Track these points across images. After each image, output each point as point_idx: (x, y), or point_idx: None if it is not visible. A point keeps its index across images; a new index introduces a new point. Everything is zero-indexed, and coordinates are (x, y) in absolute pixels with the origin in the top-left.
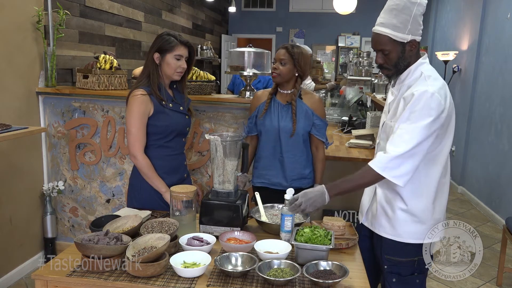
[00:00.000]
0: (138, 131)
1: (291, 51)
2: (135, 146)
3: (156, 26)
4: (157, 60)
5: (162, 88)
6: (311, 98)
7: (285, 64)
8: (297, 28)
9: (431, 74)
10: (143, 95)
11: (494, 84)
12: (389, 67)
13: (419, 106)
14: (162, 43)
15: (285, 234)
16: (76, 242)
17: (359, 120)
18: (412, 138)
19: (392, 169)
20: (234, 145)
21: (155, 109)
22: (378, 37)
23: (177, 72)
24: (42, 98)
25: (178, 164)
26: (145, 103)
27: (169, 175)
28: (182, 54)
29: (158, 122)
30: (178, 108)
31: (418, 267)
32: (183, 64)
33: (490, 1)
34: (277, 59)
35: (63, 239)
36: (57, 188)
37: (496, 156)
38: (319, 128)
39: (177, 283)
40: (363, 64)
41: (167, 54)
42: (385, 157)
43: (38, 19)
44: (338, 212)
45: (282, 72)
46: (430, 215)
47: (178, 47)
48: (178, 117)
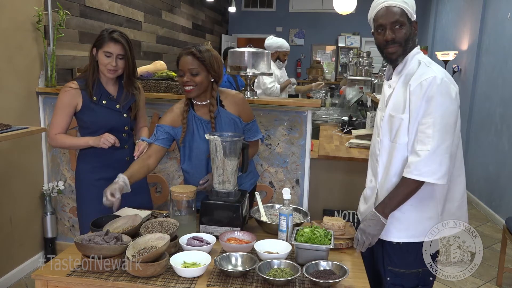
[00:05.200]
0: (57, 120)
1: (200, 57)
2: (51, 131)
3: (156, 26)
4: (94, 55)
5: (99, 84)
6: (232, 101)
7: (197, 73)
8: (297, 28)
9: (430, 62)
10: (72, 89)
11: (494, 84)
12: (401, 42)
13: (432, 93)
14: (96, 39)
15: (280, 233)
16: (76, 242)
17: (359, 120)
18: (437, 131)
19: (434, 172)
20: (234, 145)
21: (83, 104)
22: (392, 10)
23: (108, 70)
24: (42, 98)
25: (114, 159)
26: (71, 96)
27: (102, 169)
28: (111, 51)
29: (85, 117)
30: (113, 106)
31: (423, 278)
32: (112, 62)
33: (490, 1)
34: (184, 69)
35: (63, 239)
36: (57, 188)
37: (496, 156)
38: (251, 130)
39: (177, 283)
40: (363, 64)
41: (99, 50)
42: (419, 161)
43: (38, 19)
44: (338, 212)
45: (196, 83)
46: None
47: (108, 43)
48: (110, 115)
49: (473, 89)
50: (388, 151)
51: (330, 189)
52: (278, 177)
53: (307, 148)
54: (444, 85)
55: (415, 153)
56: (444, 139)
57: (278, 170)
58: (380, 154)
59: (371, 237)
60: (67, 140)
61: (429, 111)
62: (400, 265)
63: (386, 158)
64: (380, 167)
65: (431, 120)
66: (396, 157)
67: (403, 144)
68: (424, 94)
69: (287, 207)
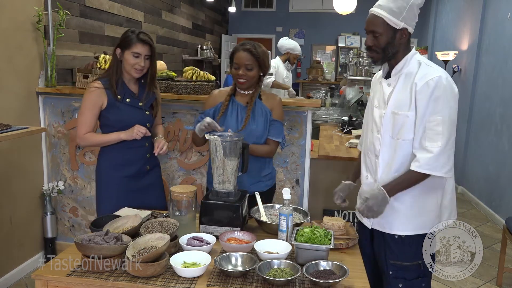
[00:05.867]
0: (85, 119)
1: (256, 53)
2: (80, 130)
3: (156, 26)
4: (118, 55)
5: (122, 83)
6: (270, 96)
7: (251, 69)
8: (297, 28)
9: (429, 62)
10: (97, 88)
11: (494, 84)
12: (377, 50)
13: (439, 93)
14: (123, 40)
15: (280, 233)
16: (76, 242)
17: (359, 120)
18: (446, 128)
19: (443, 166)
20: (234, 145)
21: (108, 102)
22: (373, 18)
23: (135, 69)
24: (42, 98)
25: (136, 157)
26: (97, 95)
27: (124, 167)
28: (140, 52)
29: (110, 116)
30: (137, 104)
31: (423, 270)
32: (141, 62)
33: (490, 1)
34: (240, 64)
35: (63, 239)
36: (57, 188)
37: (496, 156)
38: (275, 127)
39: (177, 283)
40: (363, 64)
41: (126, 50)
42: (431, 157)
43: (38, 19)
44: (338, 212)
45: (249, 78)
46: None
47: (137, 44)
48: (134, 112)
49: (473, 89)
50: (390, 147)
51: (330, 189)
52: (278, 177)
53: (307, 148)
54: (450, 85)
55: (425, 150)
56: (451, 135)
57: (278, 170)
58: (380, 150)
59: (377, 214)
60: (97, 138)
61: (437, 110)
62: (402, 258)
63: (387, 154)
64: (380, 163)
65: (440, 118)
66: (399, 153)
67: (408, 141)
68: (432, 93)
69: (287, 207)
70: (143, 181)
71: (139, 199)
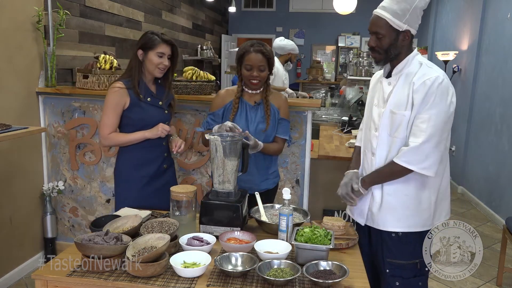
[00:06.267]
0: (109, 119)
1: (267, 54)
2: (104, 131)
3: (156, 26)
4: (140, 56)
5: (142, 83)
6: (278, 98)
7: (264, 70)
8: (297, 28)
9: (432, 63)
10: (120, 88)
11: (494, 84)
12: (380, 51)
13: (433, 92)
14: (146, 41)
15: (280, 233)
16: (76, 242)
17: (359, 120)
18: (430, 126)
19: (419, 162)
20: (234, 145)
21: (131, 102)
22: (376, 20)
23: (159, 69)
24: (42, 98)
25: (155, 156)
26: (120, 95)
27: (144, 166)
28: (164, 52)
29: (133, 115)
30: (157, 103)
31: (420, 269)
32: (165, 61)
33: (490, 1)
34: (254, 65)
35: (63, 239)
36: (57, 188)
37: (496, 156)
38: (283, 125)
39: (177, 283)
40: (363, 64)
41: (150, 51)
42: (408, 150)
43: (38, 19)
44: (338, 212)
45: (262, 78)
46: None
47: (161, 45)
48: (155, 111)
49: (473, 89)
50: (387, 144)
51: (330, 189)
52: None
53: (307, 148)
54: (445, 86)
55: (407, 144)
56: (433, 135)
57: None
58: (377, 148)
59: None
60: (121, 137)
61: (426, 108)
62: (399, 256)
63: (384, 152)
64: (377, 160)
65: (427, 116)
66: (393, 150)
67: (402, 139)
68: (427, 92)
69: (287, 207)
70: (160, 180)
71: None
